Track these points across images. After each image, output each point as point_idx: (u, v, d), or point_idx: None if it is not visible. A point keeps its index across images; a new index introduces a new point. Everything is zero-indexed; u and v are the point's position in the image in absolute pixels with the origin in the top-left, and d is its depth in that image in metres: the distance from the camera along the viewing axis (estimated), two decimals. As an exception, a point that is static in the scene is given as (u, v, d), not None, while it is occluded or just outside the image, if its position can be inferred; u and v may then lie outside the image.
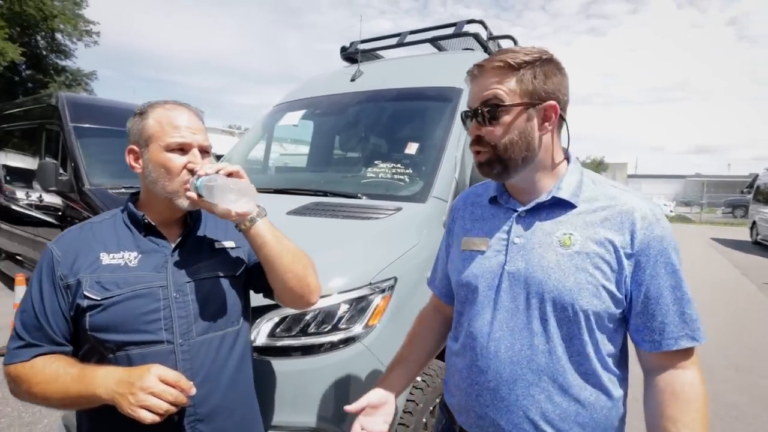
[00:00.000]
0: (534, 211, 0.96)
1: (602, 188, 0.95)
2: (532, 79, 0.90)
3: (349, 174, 2.70)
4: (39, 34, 19.47)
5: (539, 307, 0.90)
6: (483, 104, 0.92)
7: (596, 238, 0.89)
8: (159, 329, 1.01)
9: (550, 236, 0.92)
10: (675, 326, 0.88)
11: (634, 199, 0.91)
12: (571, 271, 0.88)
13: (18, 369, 0.97)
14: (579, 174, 0.97)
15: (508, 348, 0.92)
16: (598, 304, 0.87)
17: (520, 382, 0.91)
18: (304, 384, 1.45)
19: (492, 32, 3.55)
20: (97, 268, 1.01)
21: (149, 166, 1.05)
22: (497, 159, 0.93)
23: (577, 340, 0.89)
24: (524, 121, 0.91)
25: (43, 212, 4.97)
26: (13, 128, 6.13)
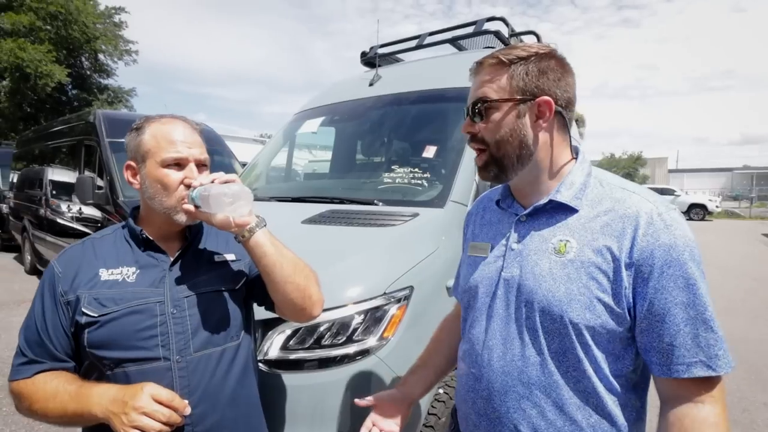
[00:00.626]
0: (534, 216, 0.92)
1: (609, 190, 0.87)
2: (523, 75, 0.86)
3: (367, 180, 2.67)
4: (83, 55, 20.68)
5: (529, 316, 0.86)
6: (475, 101, 0.90)
7: (594, 245, 0.82)
8: (155, 346, 1.00)
9: (546, 242, 0.88)
10: (686, 350, 0.76)
11: (643, 202, 0.82)
12: (562, 280, 0.83)
13: (20, 385, 0.98)
14: (584, 175, 0.90)
15: (500, 357, 0.90)
16: (592, 318, 0.80)
17: (510, 393, 0.88)
18: (320, 398, 1.42)
19: (514, 29, 3.45)
20: (96, 284, 1.01)
21: (146, 182, 1.05)
22: (492, 159, 0.91)
23: (570, 354, 0.82)
24: (514, 117, 0.87)
25: (83, 224, 5.23)
26: (58, 144, 6.50)
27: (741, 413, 3.06)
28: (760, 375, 3.66)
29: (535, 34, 3.60)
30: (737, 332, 4.64)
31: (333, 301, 1.47)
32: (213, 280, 1.11)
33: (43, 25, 17.41)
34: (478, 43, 3.44)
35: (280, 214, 2.32)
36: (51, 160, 6.73)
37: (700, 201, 21.50)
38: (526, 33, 3.65)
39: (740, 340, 4.43)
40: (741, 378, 3.59)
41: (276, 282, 1.07)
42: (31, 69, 16.16)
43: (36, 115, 19.31)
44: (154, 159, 1.04)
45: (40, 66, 16.34)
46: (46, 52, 16.66)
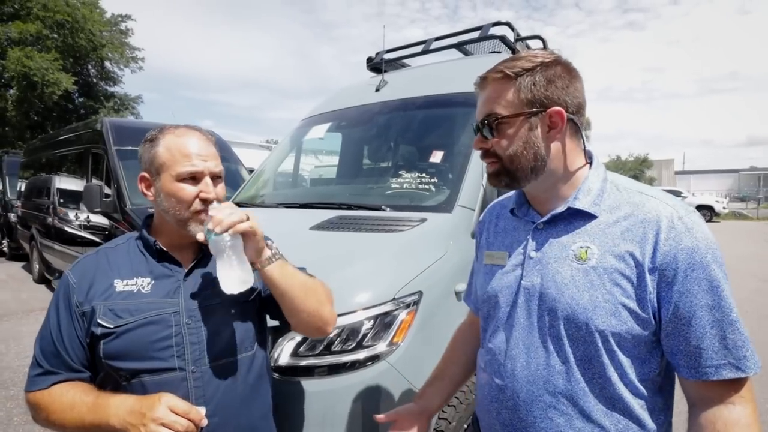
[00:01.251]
0: (551, 223, 0.92)
1: (626, 195, 0.87)
2: (531, 87, 0.85)
3: (374, 185, 2.67)
4: (90, 63, 20.88)
5: (553, 325, 0.86)
6: (485, 118, 0.90)
7: (616, 251, 0.82)
8: (171, 356, 1.00)
9: (566, 249, 0.87)
10: (714, 352, 0.76)
11: (662, 206, 0.82)
12: (586, 287, 0.82)
13: (37, 396, 0.99)
14: (600, 180, 0.90)
15: (524, 367, 0.89)
16: (618, 324, 0.80)
17: (537, 403, 0.87)
18: (330, 404, 1.42)
19: (520, 33, 3.46)
20: (111, 295, 1.01)
21: (161, 195, 1.05)
22: (504, 171, 0.90)
23: (596, 362, 0.82)
24: (527, 130, 0.87)
25: (90, 232, 5.26)
26: (66, 153, 6.55)
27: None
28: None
29: (540, 39, 3.60)
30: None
31: (342, 307, 1.47)
32: None
33: (49, 33, 17.62)
34: (484, 48, 3.44)
35: (287, 220, 2.33)
36: (58, 168, 6.78)
37: (707, 202, 21.37)
38: (532, 37, 3.66)
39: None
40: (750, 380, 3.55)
41: (288, 309, 1.09)
42: (38, 77, 16.34)
43: (43, 123, 19.51)
44: (169, 173, 1.03)
45: (47, 74, 16.52)
46: (52, 61, 16.85)
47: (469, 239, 2.01)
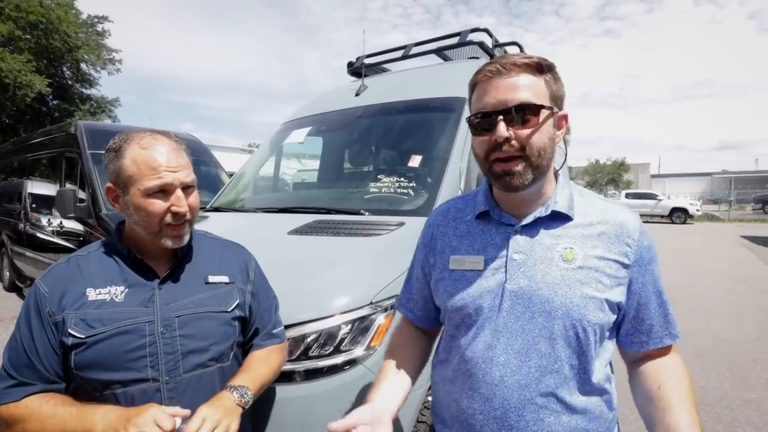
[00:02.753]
0: (531, 225, 0.92)
1: (590, 200, 0.96)
2: (554, 84, 0.88)
3: (353, 189, 2.68)
4: (65, 65, 20.35)
5: (546, 326, 0.85)
6: (519, 104, 0.82)
7: (596, 252, 0.89)
8: (144, 366, 0.98)
9: (551, 251, 0.89)
10: (660, 327, 0.93)
11: (624, 212, 0.93)
12: (576, 286, 0.86)
13: (11, 409, 0.94)
14: (568, 185, 0.97)
15: (514, 372, 0.86)
16: (603, 317, 0.87)
17: (529, 407, 0.85)
18: (308, 409, 1.41)
19: (498, 39, 3.52)
20: (83, 304, 0.98)
21: (131, 209, 1.02)
22: (531, 166, 0.84)
23: (583, 356, 0.87)
24: (551, 126, 0.87)
25: (64, 238, 5.11)
26: (38, 157, 6.36)
27: (723, 410, 3.12)
28: (742, 373, 3.74)
29: (518, 45, 3.67)
30: (719, 332, 4.74)
31: (320, 311, 1.47)
32: (205, 300, 1.09)
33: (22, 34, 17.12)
34: (463, 54, 3.50)
35: (266, 225, 2.31)
36: (30, 172, 6.58)
37: (682, 205, 21.97)
38: (509, 44, 3.73)
39: (722, 339, 4.52)
40: (723, 376, 3.66)
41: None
42: (9, 79, 15.85)
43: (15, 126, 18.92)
44: (136, 186, 0.99)
45: (20, 76, 16.03)
46: (25, 62, 16.37)
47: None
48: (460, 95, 2.55)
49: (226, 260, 1.21)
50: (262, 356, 1.20)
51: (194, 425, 0.89)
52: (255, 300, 1.22)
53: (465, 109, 2.46)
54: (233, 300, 1.15)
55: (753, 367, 3.88)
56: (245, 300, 1.18)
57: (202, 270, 1.14)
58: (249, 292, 1.21)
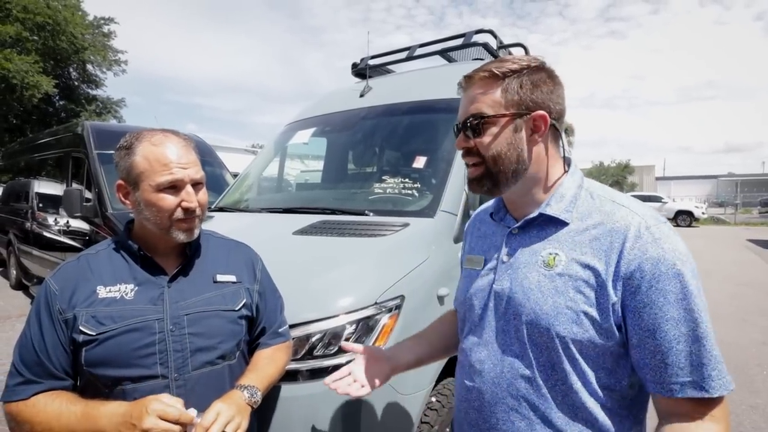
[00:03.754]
0: (525, 228, 0.92)
1: (599, 203, 0.87)
2: (518, 89, 0.85)
3: (358, 190, 2.68)
4: (71, 66, 20.54)
5: (518, 329, 0.87)
6: (470, 116, 0.88)
7: (582, 259, 0.82)
8: (154, 363, 1.00)
9: (536, 255, 0.88)
10: (679, 368, 0.73)
11: (631, 216, 0.81)
12: (550, 293, 0.83)
13: (20, 407, 0.95)
14: (575, 187, 0.90)
15: (490, 369, 0.91)
16: (579, 332, 0.79)
17: (500, 405, 0.89)
18: (312, 409, 1.42)
19: (502, 41, 3.52)
20: (93, 301, 1.00)
21: (141, 204, 1.03)
22: (487, 173, 0.89)
23: (558, 368, 0.82)
24: (511, 132, 0.86)
25: (70, 237, 5.15)
26: (45, 157, 6.43)
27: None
28: (747, 378, 3.72)
29: (523, 46, 3.68)
30: (724, 336, 4.71)
31: (324, 311, 1.47)
32: (213, 299, 1.11)
33: (30, 35, 17.29)
34: (468, 55, 3.50)
35: (271, 225, 2.33)
36: (37, 172, 6.65)
37: (687, 208, 21.87)
38: (514, 45, 3.73)
39: (727, 344, 4.49)
40: (729, 382, 3.64)
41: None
42: (17, 80, 16.01)
43: (22, 126, 19.10)
44: (148, 182, 1.01)
45: (27, 77, 16.19)
46: (32, 63, 16.54)
47: (452, 244, 2.03)
48: (464, 97, 2.56)
49: (233, 260, 1.22)
50: (268, 355, 1.21)
51: (210, 418, 0.92)
52: (262, 300, 1.24)
53: (469, 110, 2.46)
54: (240, 299, 1.16)
55: (758, 372, 3.86)
56: (252, 299, 1.20)
57: (210, 269, 1.15)
58: (256, 292, 1.22)
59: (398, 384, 1.53)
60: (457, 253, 2.03)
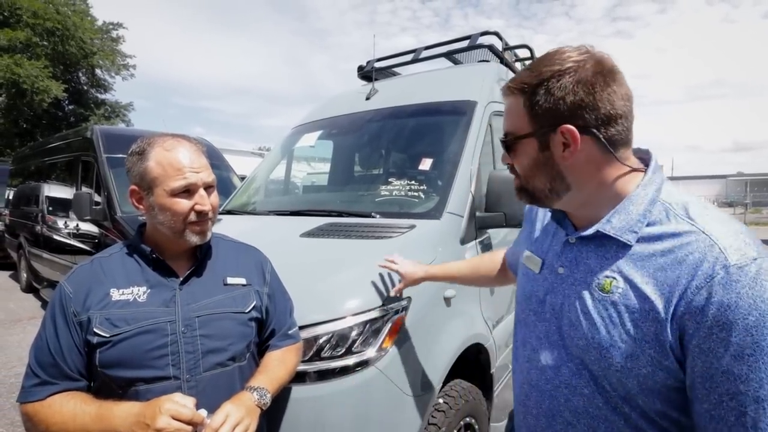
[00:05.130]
0: (584, 240, 0.83)
1: (675, 224, 0.73)
2: (543, 101, 0.76)
3: (364, 193, 2.70)
4: (80, 70, 20.79)
5: (569, 351, 0.81)
6: (502, 136, 0.86)
7: (643, 290, 0.72)
8: (166, 365, 1.01)
9: (592, 275, 0.79)
10: (728, 427, 0.65)
11: (710, 248, 0.67)
12: (603, 322, 0.75)
13: (36, 408, 0.97)
14: (647, 202, 0.76)
15: (548, 380, 0.85)
16: (635, 367, 0.71)
17: (558, 418, 0.84)
18: (320, 410, 1.43)
19: (508, 42, 3.52)
20: (107, 304, 1.02)
21: (155, 209, 1.05)
22: (523, 188, 0.86)
23: (611, 402, 0.76)
24: (538, 151, 0.79)
25: (80, 240, 5.21)
26: (55, 161, 6.51)
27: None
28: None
29: (528, 48, 3.68)
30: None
31: (332, 313, 1.48)
32: (224, 301, 1.13)
33: (39, 41, 17.53)
34: (473, 57, 3.50)
35: (278, 227, 2.34)
36: (47, 176, 6.73)
37: (695, 208, 21.63)
38: (519, 47, 3.73)
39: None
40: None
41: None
42: (27, 85, 16.24)
43: (32, 131, 19.35)
44: (162, 187, 1.04)
45: (37, 82, 16.41)
46: (42, 68, 16.77)
47: (458, 245, 2.03)
48: (470, 98, 2.56)
49: (242, 263, 1.24)
50: (278, 357, 1.22)
51: (219, 419, 0.94)
52: (271, 302, 1.25)
53: (475, 112, 2.47)
54: (251, 301, 1.18)
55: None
56: (262, 302, 1.21)
57: (221, 272, 1.17)
58: (266, 294, 1.24)
59: (405, 385, 1.53)
60: (463, 254, 2.04)
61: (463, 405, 1.87)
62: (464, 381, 1.97)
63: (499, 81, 2.93)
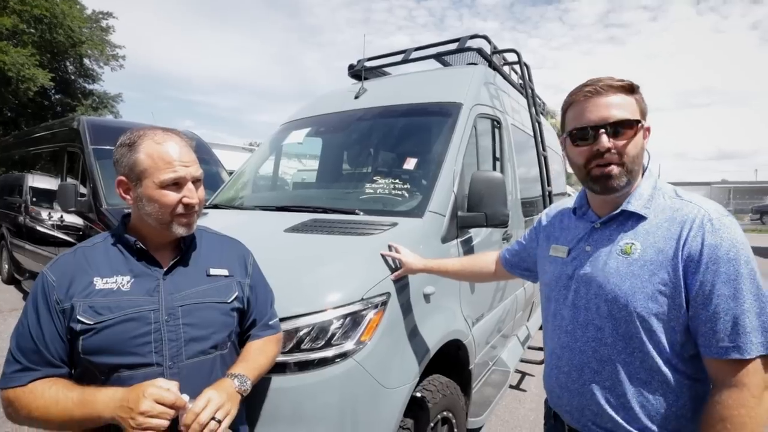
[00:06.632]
0: (608, 223, 1.09)
1: (670, 201, 1.03)
2: (642, 101, 1.04)
3: (350, 190, 2.74)
4: (68, 59, 20.38)
5: (600, 306, 1.04)
6: (615, 121, 1.00)
7: (655, 247, 0.98)
8: (149, 352, 1.04)
9: (615, 245, 1.05)
10: (725, 335, 0.90)
11: (697, 209, 0.98)
12: (627, 276, 0.99)
13: (17, 393, 0.99)
14: (651, 188, 1.06)
15: (577, 339, 1.09)
16: (655, 307, 0.96)
17: (586, 369, 1.07)
18: (299, 399, 1.46)
19: (496, 46, 3.58)
20: (91, 292, 1.04)
21: (143, 200, 1.08)
22: (626, 171, 1.02)
23: (636, 338, 0.98)
24: (641, 137, 1.04)
25: (64, 232, 5.16)
26: (40, 151, 6.42)
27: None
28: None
29: (515, 52, 3.74)
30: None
31: (313, 306, 1.52)
32: (206, 291, 1.16)
33: (26, 28, 17.14)
34: (462, 59, 3.56)
35: (264, 222, 2.37)
36: (32, 166, 6.63)
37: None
38: (507, 51, 3.79)
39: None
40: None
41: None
42: (12, 73, 15.88)
43: (17, 119, 18.94)
44: (151, 179, 1.06)
45: (23, 70, 16.06)
46: (29, 56, 16.40)
47: (440, 244, 2.08)
48: (456, 101, 2.62)
49: (225, 254, 1.27)
50: (259, 346, 1.26)
51: (201, 404, 0.98)
52: (253, 293, 1.28)
53: (461, 114, 2.52)
54: (232, 292, 1.21)
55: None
56: (244, 293, 1.25)
57: (204, 263, 1.20)
58: (248, 286, 1.27)
59: (383, 377, 1.58)
60: (445, 252, 2.09)
61: (441, 399, 1.92)
62: (442, 376, 2.02)
63: (486, 84, 2.99)
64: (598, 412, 1.04)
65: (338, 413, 1.48)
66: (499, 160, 2.94)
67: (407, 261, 1.72)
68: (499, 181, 2.11)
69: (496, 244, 2.73)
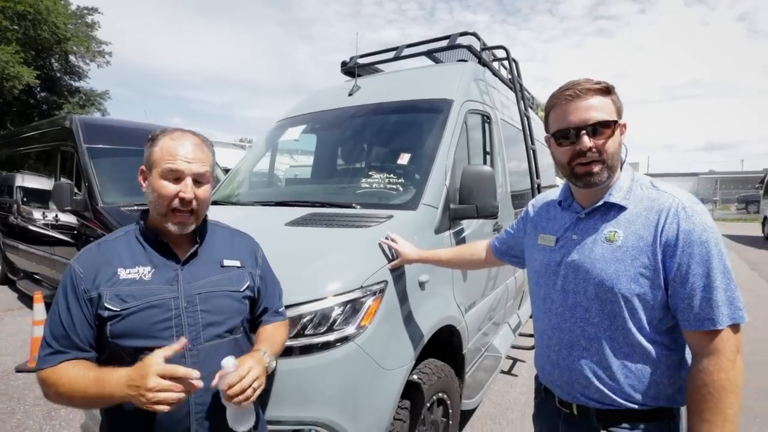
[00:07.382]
0: (592, 213, 1.19)
1: (647, 192, 1.13)
2: (618, 101, 1.14)
3: (346, 185, 2.82)
4: (53, 56, 20.05)
5: (587, 289, 1.14)
6: (595, 122, 1.10)
7: (636, 234, 1.08)
8: (171, 336, 1.13)
9: (600, 233, 1.14)
10: (701, 309, 1.01)
11: (671, 198, 1.08)
12: (612, 261, 1.09)
13: (48, 373, 1.09)
14: (629, 180, 1.16)
15: (566, 320, 1.19)
16: (636, 288, 1.06)
17: (575, 347, 1.17)
18: (304, 381, 1.56)
19: (486, 43, 3.68)
20: (116, 282, 1.13)
21: (149, 189, 1.18)
22: (607, 167, 1.12)
23: (620, 317, 1.09)
24: (619, 134, 1.13)
25: (59, 231, 5.17)
26: (30, 150, 6.37)
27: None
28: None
29: (504, 49, 3.84)
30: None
31: (315, 294, 1.62)
32: (221, 281, 1.25)
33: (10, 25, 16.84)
34: (453, 56, 3.65)
35: (264, 217, 2.45)
36: (21, 166, 6.59)
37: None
38: (496, 47, 3.90)
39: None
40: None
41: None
42: (-3, 71, 15.64)
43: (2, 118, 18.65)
44: (156, 169, 1.16)
45: (7, 67, 15.81)
46: (13, 54, 16.14)
47: (433, 234, 2.19)
48: (447, 97, 2.71)
49: (237, 247, 1.36)
50: (271, 330, 1.38)
51: (245, 369, 1.10)
52: (263, 283, 1.38)
53: (452, 110, 2.62)
54: (245, 282, 1.30)
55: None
56: (255, 282, 1.34)
57: (218, 255, 1.30)
58: (258, 276, 1.37)
59: (382, 359, 1.68)
60: (438, 243, 2.19)
61: (436, 381, 2.03)
62: (437, 360, 2.13)
63: (475, 80, 3.08)
64: (586, 384, 1.15)
65: (341, 393, 1.58)
66: (489, 154, 3.05)
67: (403, 251, 1.83)
68: (489, 174, 2.21)
69: (488, 235, 2.84)
